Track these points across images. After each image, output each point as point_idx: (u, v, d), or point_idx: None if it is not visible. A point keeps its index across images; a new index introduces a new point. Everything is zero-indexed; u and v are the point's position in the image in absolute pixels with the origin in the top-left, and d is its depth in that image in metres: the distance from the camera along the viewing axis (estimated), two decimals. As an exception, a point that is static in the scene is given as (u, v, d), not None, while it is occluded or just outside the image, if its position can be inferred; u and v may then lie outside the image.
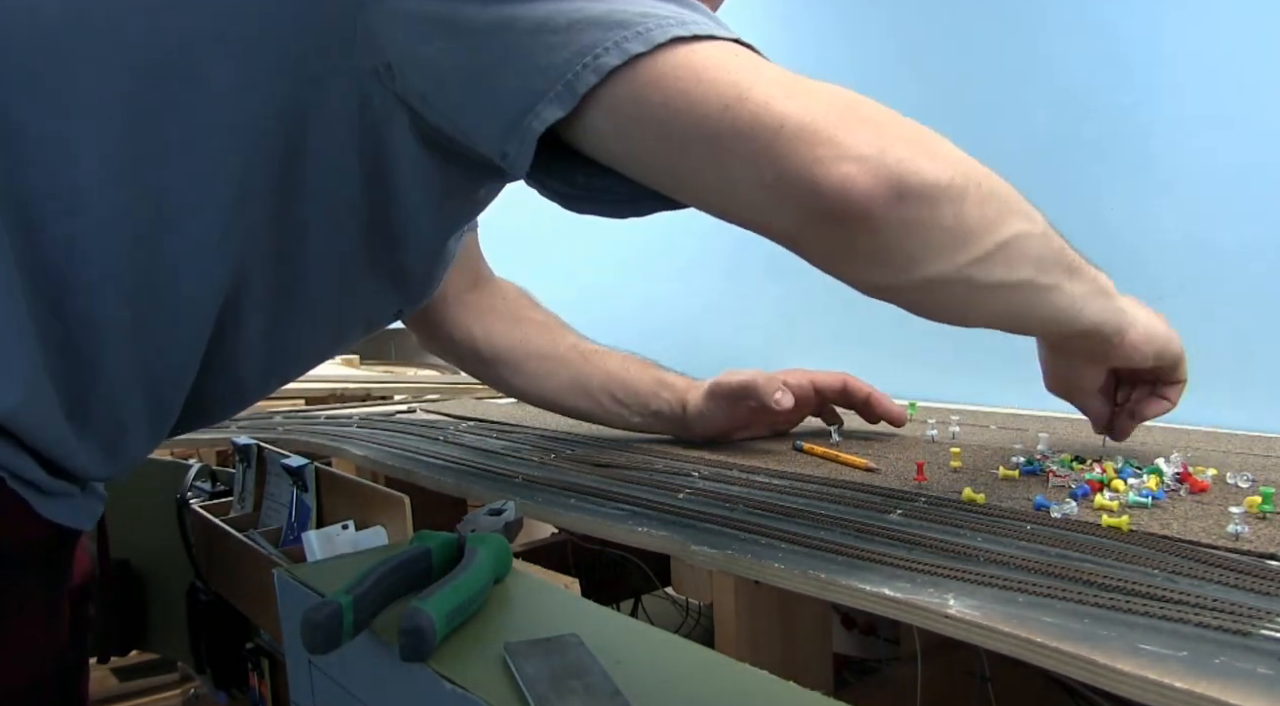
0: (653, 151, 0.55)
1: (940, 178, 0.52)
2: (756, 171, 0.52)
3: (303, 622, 0.47)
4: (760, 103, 0.51)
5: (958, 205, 0.53)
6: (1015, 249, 0.57)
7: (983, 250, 0.55)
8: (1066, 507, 0.60)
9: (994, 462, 0.77)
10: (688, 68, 0.53)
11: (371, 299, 0.73)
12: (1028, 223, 0.58)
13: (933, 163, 0.52)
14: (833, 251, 0.55)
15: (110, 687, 1.34)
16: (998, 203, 0.56)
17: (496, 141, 0.57)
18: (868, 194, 0.50)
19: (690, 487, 0.75)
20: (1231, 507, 0.56)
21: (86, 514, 0.61)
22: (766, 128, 0.51)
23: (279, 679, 0.87)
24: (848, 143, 0.50)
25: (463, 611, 0.49)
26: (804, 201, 0.51)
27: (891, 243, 0.53)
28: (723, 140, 0.52)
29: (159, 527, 0.99)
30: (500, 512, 0.62)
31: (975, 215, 0.54)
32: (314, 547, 0.75)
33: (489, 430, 1.11)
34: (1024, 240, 0.57)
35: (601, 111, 0.54)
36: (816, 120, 0.51)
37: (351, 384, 1.70)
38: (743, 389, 0.90)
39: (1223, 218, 0.99)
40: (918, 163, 0.52)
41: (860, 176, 0.50)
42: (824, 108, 0.52)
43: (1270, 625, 0.42)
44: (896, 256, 0.54)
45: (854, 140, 0.51)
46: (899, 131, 0.53)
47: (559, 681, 0.42)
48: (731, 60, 0.53)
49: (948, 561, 0.53)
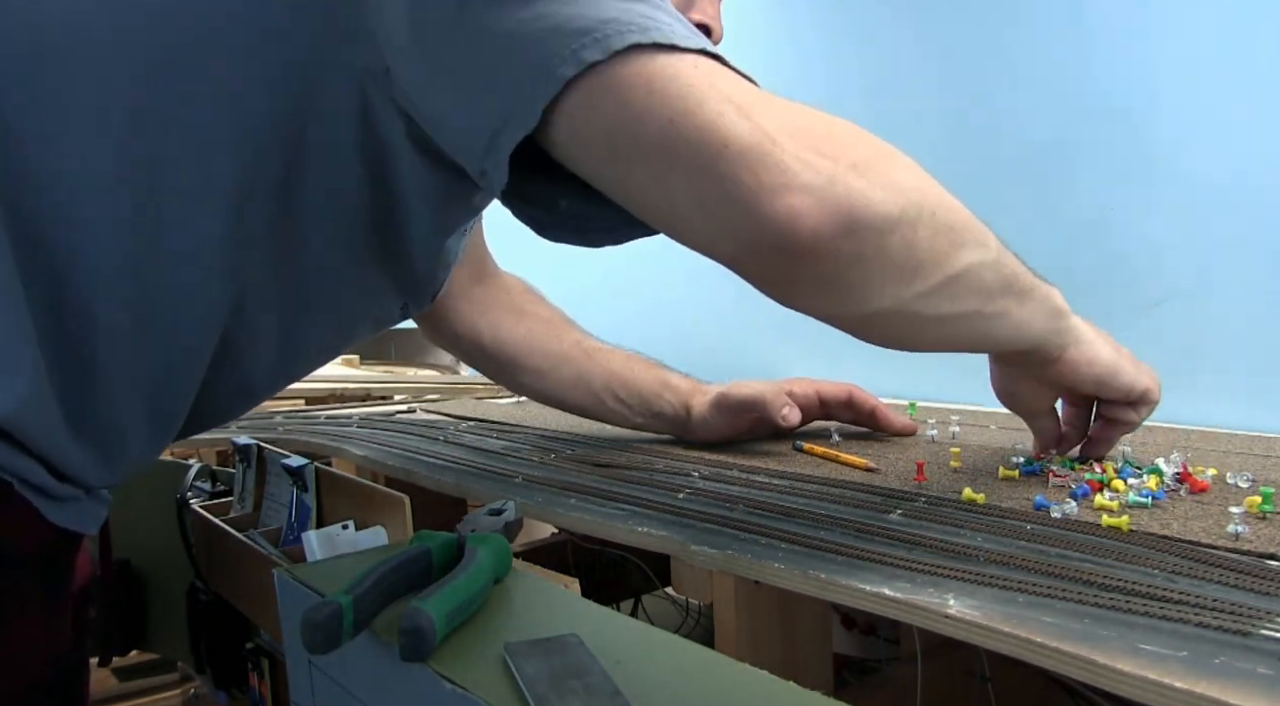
0: (604, 163, 0.53)
1: (891, 210, 0.50)
2: (698, 192, 0.49)
3: (303, 622, 0.47)
4: (707, 119, 0.48)
5: (909, 237, 0.51)
6: (964, 282, 0.55)
7: (932, 284, 0.54)
8: (1066, 507, 0.60)
9: (994, 462, 0.77)
10: (641, 77, 0.50)
11: (377, 298, 0.73)
12: (980, 252, 0.56)
13: (885, 193, 0.50)
14: (775, 280, 0.53)
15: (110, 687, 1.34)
16: (950, 234, 0.54)
17: (477, 160, 0.55)
18: (814, 227, 0.48)
19: (690, 487, 0.75)
20: (1231, 507, 0.56)
21: (91, 518, 0.61)
22: (710, 146, 0.48)
23: (279, 679, 0.87)
24: (795, 170, 0.48)
25: (463, 611, 0.49)
26: (746, 229, 0.49)
27: (837, 275, 0.51)
28: (666, 155, 0.49)
29: (159, 527, 0.99)
30: (500, 512, 0.62)
31: (926, 248, 0.52)
32: (314, 547, 0.75)
33: (489, 430, 1.11)
34: (974, 272, 0.55)
35: (561, 121, 0.51)
36: (764, 142, 0.48)
37: (351, 384, 1.69)
38: (750, 403, 0.90)
39: (1222, 218, 0.99)
40: (869, 195, 0.49)
41: (807, 209, 0.48)
42: (776, 129, 0.49)
43: (1270, 625, 0.42)
44: (841, 288, 0.52)
45: (802, 167, 0.48)
46: (854, 156, 0.50)
47: (559, 681, 0.42)
48: (688, 71, 0.50)
49: (948, 561, 0.53)
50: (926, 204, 0.52)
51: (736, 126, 0.48)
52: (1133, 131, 1.06)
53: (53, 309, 0.56)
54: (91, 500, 0.61)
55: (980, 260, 0.56)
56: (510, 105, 0.52)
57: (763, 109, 0.50)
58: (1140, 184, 1.06)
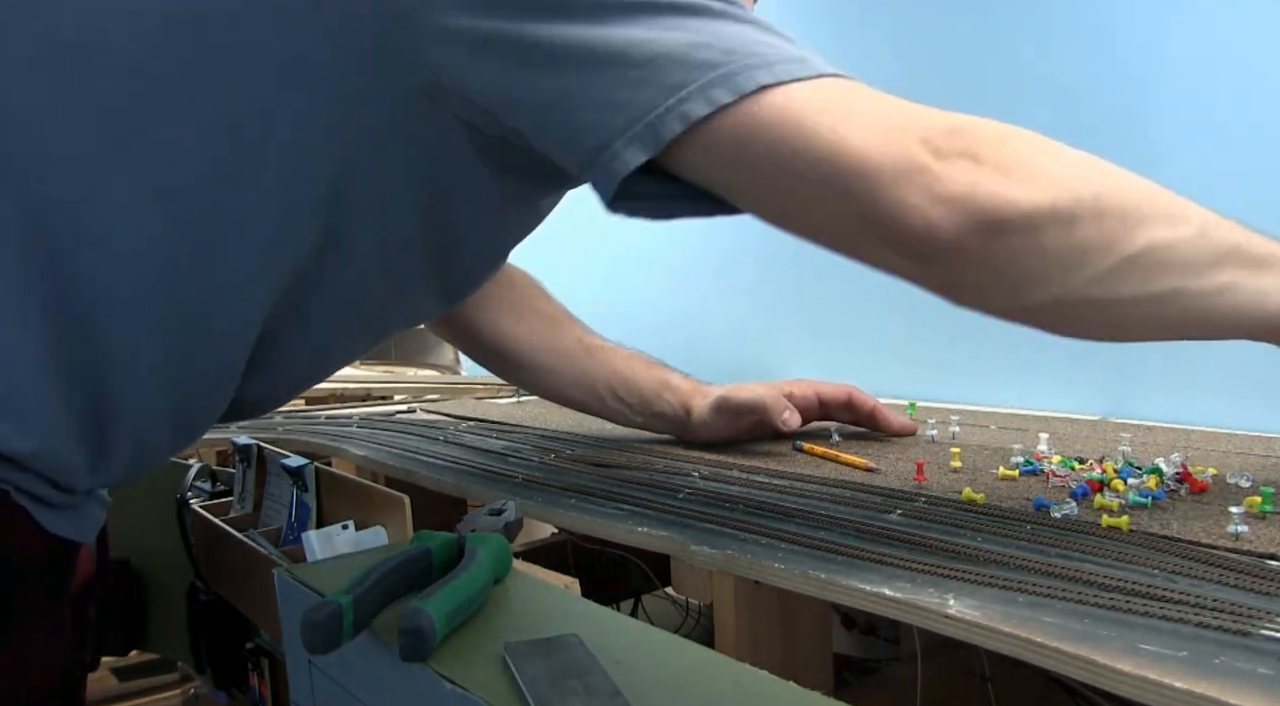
0: (754, 193, 0.56)
1: (1039, 205, 0.51)
2: (856, 215, 0.52)
3: (303, 622, 0.47)
4: (857, 151, 0.51)
5: (1064, 227, 0.52)
6: (1149, 260, 0.54)
7: (1103, 267, 0.53)
8: (1066, 507, 0.60)
9: (994, 462, 0.77)
10: (783, 118, 0.52)
11: (414, 309, 0.73)
12: (1169, 228, 0.54)
13: (1029, 189, 0.51)
14: (941, 284, 0.55)
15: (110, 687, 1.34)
16: (1121, 215, 0.53)
17: (577, 170, 0.57)
18: (954, 233, 0.50)
19: (690, 487, 0.75)
20: (1231, 507, 0.56)
21: (90, 524, 0.61)
22: (863, 175, 0.51)
23: (279, 679, 0.87)
24: (936, 184, 0.50)
25: (463, 611, 0.49)
26: (898, 242, 0.52)
27: (996, 273, 0.53)
28: (824, 186, 0.52)
29: (159, 527, 0.99)
30: (500, 512, 0.62)
31: (1088, 233, 0.52)
32: (314, 547, 0.75)
33: (489, 430, 1.11)
34: (1160, 248, 0.54)
35: (692, 152, 0.54)
36: (910, 165, 0.51)
37: (351, 384, 1.69)
38: (750, 406, 0.90)
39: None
40: (1011, 193, 0.51)
41: (948, 218, 0.50)
42: (918, 146, 0.51)
43: (1270, 625, 0.42)
44: (1003, 285, 0.54)
45: (943, 180, 0.50)
46: (998, 157, 0.52)
47: (559, 681, 0.42)
48: (824, 103, 0.53)
49: (948, 561, 0.53)
50: (1085, 190, 0.53)
51: (884, 152, 0.51)
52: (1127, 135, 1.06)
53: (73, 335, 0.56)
54: (90, 505, 0.61)
55: (1169, 236, 0.54)
56: (621, 126, 0.53)
57: (900, 126, 0.52)
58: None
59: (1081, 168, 0.54)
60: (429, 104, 0.58)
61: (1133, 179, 0.55)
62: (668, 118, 0.52)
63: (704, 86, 0.52)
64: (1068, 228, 0.52)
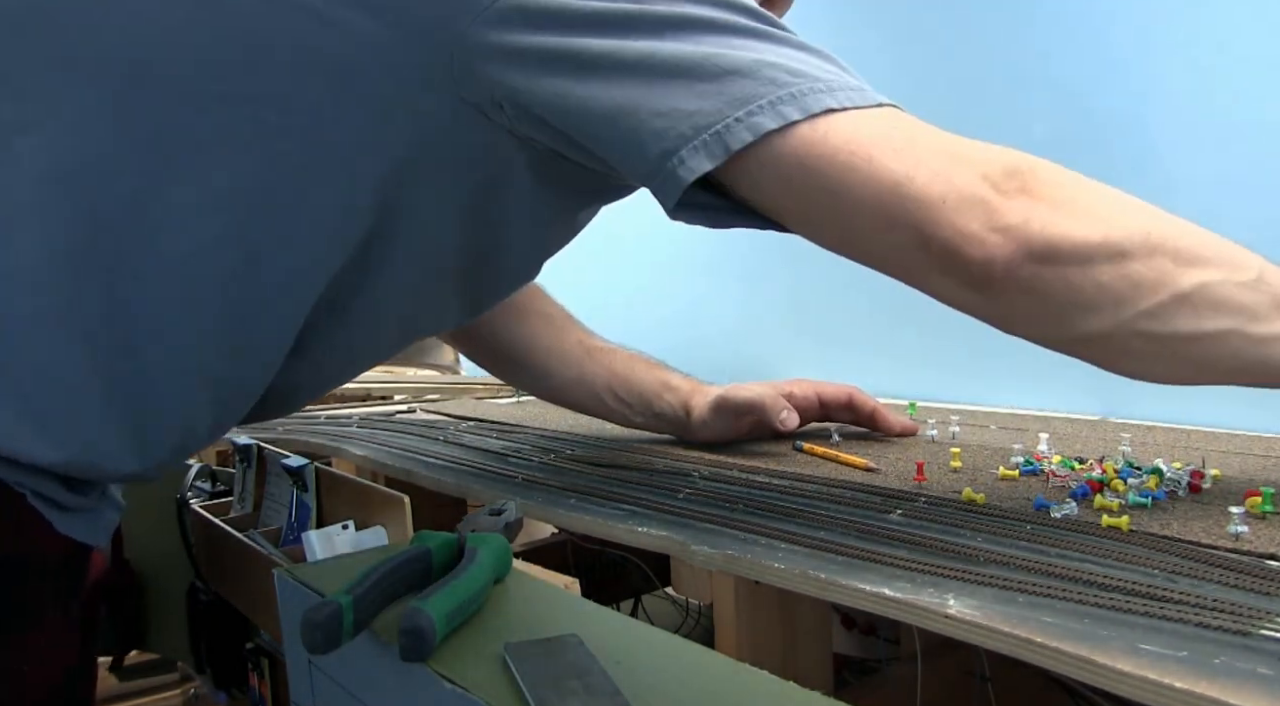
0: (814, 215, 0.57)
1: (1091, 238, 0.53)
2: (917, 242, 0.54)
3: (303, 622, 0.46)
4: (923, 182, 0.53)
5: (1116, 262, 0.53)
6: (1200, 298, 0.54)
7: (1153, 303, 0.54)
8: (1066, 507, 0.60)
9: (994, 462, 0.77)
10: (854, 140, 0.54)
11: (440, 317, 0.74)
12: (1222, 271, 0.55)
13: (1081, 223, 0.53)
14: (994, 313, 0.57)
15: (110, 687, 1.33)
16: (1174, 254, 0.54)
17: (640, 177, 0.58)
18: (1009, 261, 0.53)
19: (690, 488, 0.75)
20: (1231, 507, 0.56)
21: (104, 528, 0.62)
22: (926, 205, 0.53)
23: (279, 679, 0.87)
24: (996, 215, 0.53)
25: (463, 611, 0.49)
26: (956, 270, 0.54)
27: (1046, 301, 0.54)
28: (886, 214, 0.54)
29: (159, 527, 0.99)
30: (500, 512, 0.62)
31: (1139, 269, 0.53)
32: (314, 547, 0.75)
33: (489, 430, 1.11)
34: (1212, 289, 0.54)
35: (755, 167, 0.55)
36: (969, 195, 0.53)
37: (351, 384, 1.69)
38: (749, 406, 0.90)
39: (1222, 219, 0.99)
40: (1064, 226, 0.53)
41: (1002, 247, 0.53)
42: (978, 181, 0.53)
43: (1270, 625, 0.42)
44: (1054, 314, 0.55)
45: (1002, 212, 0.53)
46: (1054, 195, 0.54)
47: (559, 681, 0.42)
48: (889, 132, 0.55)
49: (948, 561, 0.53)
50: (1137, 228, 0.54)
51: (950, 185, 0.53)
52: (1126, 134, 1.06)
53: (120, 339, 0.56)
54: (103, 508, 0.61)
55: (1222, 278, 0.55)
56: (688, 134, 0.54)
57: (962, 159, 0.54)
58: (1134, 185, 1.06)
59: (1135, 210, 0.56)
60: (484, 119, 0.59)
61: (1188, 225, 0.57)
62: (737, 128, 0.54)
63: (774, 102, 0.54)
64: (1120, 261, 0.53)
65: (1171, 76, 1.02)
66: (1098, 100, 1.08)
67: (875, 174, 0.54)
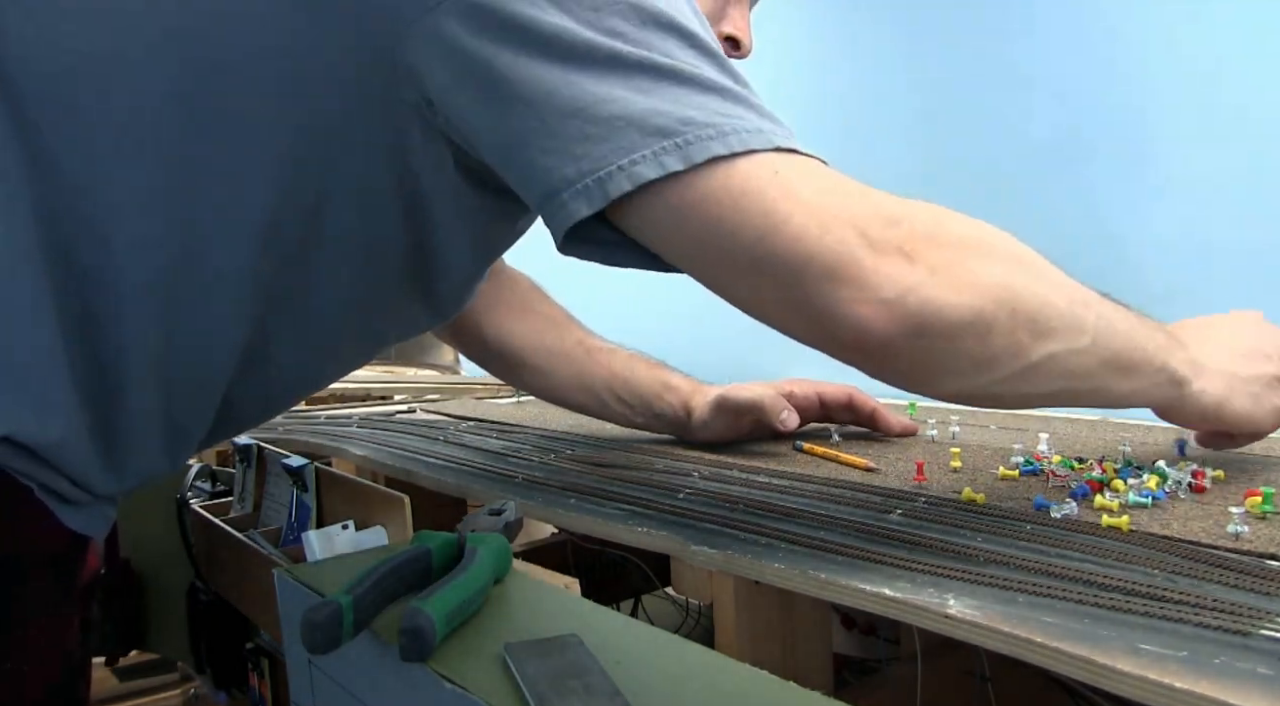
0: (692, 262, 0.57)
1: (964, 315, 0.53)
2: (786, 298, 0.54)
3: (303, 622, 0.47)
4: (791, 238, 0.52)
5: (982, 336, 0.54)
6: (1046, 369, 0.57)
7: (1006, 373, 0.56)
8: (1066, 508, 0.60)
9: (994, 462, 0.77)
10: (725, 192, 0.53)
11: (403, 318, 0.74)
12: (1069, 339, 0.57)
13: (959, 297, 0.53)
14: (861, 367, 0.57)
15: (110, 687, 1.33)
16: (1032, 326, 0.56)
17: (532, 207, 0.58)
18: (884, 334, 0.53)
19: (690, 487, 0.75)
20: (1231, 507, 0.56)
21: (102, 522, 0.62)
22: (795, 263, 0.53)
23: (279, 679, 0.87)
24: (872, 284, 0.52)
25: (463, 611, 0.49)
26: (827, 332, 0.54)
27: (911, 368, 0.56)
28: (755, 266, 0.54)
29: (159, 527, 0.99)
30: (500, 512, 0.62)
31: (1002, 343, 0.55)
32: (314, 547, 0.75)
33: (489, 430, 1.11)
34: (1058, 360, 0.57)
35: (634, 215, 0.55)
36: (842, 258, 0.52)
37: (351, 384, 1.69)
38: (749, 406, 0.90)
39: (1221, 219, 0.99)
40: (942, 301, 0.53)
41: (878, 320, 0.52)
42: (855, 239, 0.52)
43: (1270, 625, 0.42)
44: (918, 377, 0.57)
45: (878, 280, 0.52)
46: (935, 258, 0.53)
47: (559, 681, 0.42)
48: (770, 183, 0.53)
49: (948, 561, 0.53)
50: (1006, 299, 0.55)
51: (820, 244, 0.52)
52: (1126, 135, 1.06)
53: (83, 326, 0.57)
54: (101, 504, 0.62)
55: (1068, 348, 0.57)
56: (572, 177, 0.54)
57: (841, 219, 0.53)
58: (1135, 184, 1.06)
59: (1007, 271, 0.56)
60: (418, 117, 0.59)
61: (1045, 282, 0.58)
62: (618, 176, 0.53)
63: (657, 152, 0.53)
64: (984, 337, 0.55)
65: (1171, 77, 1.02)
66: (1098, 100, 1.08)
67: (745, 226, 0.53)
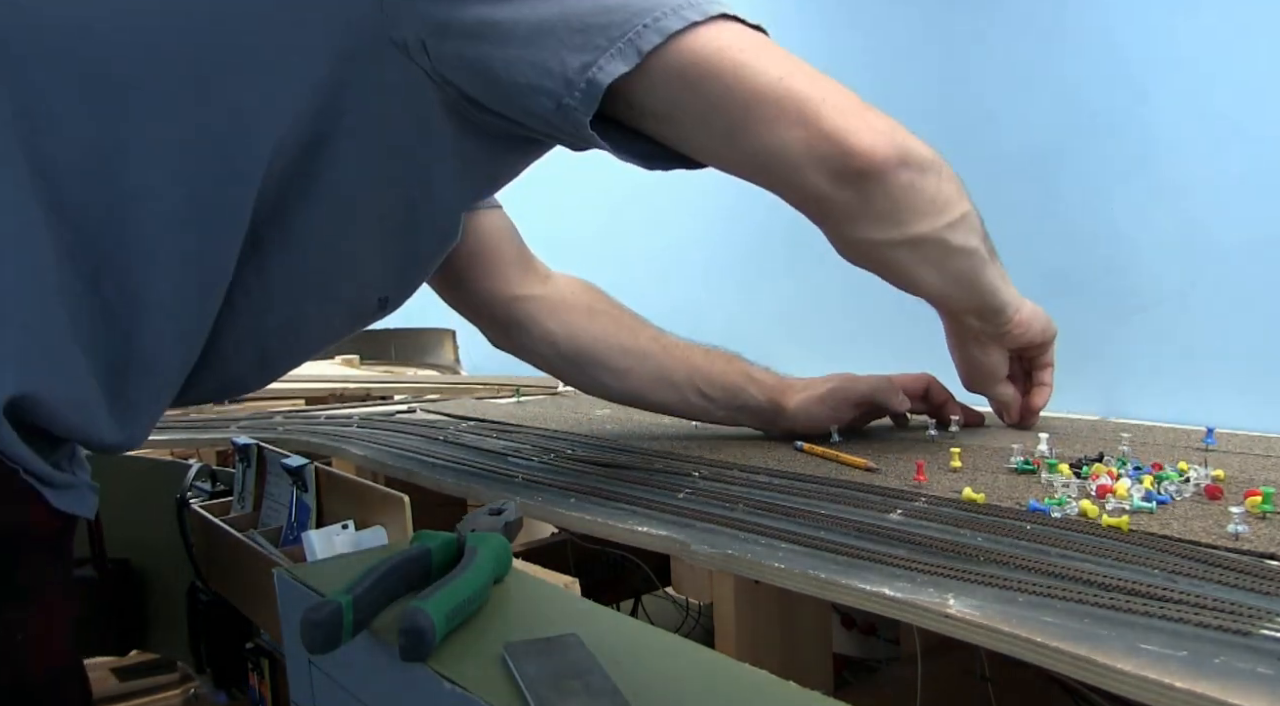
0: (708, 117, 0.64)
1: (927, 155, 0.68)
2: (804, 134, 0.63)
3: (303, 622, 0.46)
4: (807, 78, 0.63)
5: (936, 177, 0.69)
6: (970, 221, 0.72)
7: (953, 216, 0.70)
8: (1066, 507, 0.60)
9: (994, 462, 0.77)
10: (747, 40, 0.63)
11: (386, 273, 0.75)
12: (969, 204, 0.73)
13: (921, 145, 0.68)
14: (850, 207, 0.67)
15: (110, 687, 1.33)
16: (955, 182, 0.71)
17: (552, 95, 0.62)
18: (884, 157, 0.64)
19: (690, 487, 0.75)
20: (1231, 507, 0.56)
21: (90, 503, 0.63)
22: (813, 98, 0.63)
23: (279, 679, 0.87)
24: (868, 118, 0.64)
25: (463, 611, 0.49)
26: (837, 160, 0.64)
27: (895, 202, 0.66)
28: (778, 107, 0.63)
29: (159, 527, 0.99)
30: (500, 512, 0.62)
31: (948, 188, 0.70)
32: (314, 547, 0.75)
33: (489, 430, 1.11)
34: (973, 216, 0.73)
35: (663, 70, 0.62)
36: (845, 99, 0.64)
37: (351, 384, 1.69)
38: (866, 395, 0.92)
39: (1222, 219, 0.99)
40: (914, 142, 0.67)
41: (881, 145, 0.64)
42: (845, 91, 0.65)
43: (1270, 625, 0.42)
44: (896, 214, 0.67)
45: (872, 117, 0.65)
46: (888, 119, 0.67)
47: (559, 681, 0.42)
48: (769, 44, 0.64)
49: (948, 561, 0.53)
50: (939, 159, 0.70)
51: (826, 85, 0.64)
52: (1127, 134, 1.06)
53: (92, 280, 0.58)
54: (84, 490, 0.62)
55: (973, 209, 0.73)
56: (603, 45, 0.61)
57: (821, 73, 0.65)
58: (1135, 185, 1.06)
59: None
60: (408, 60, 0.63)
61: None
62: (646, 33, 0.61)
63: (675, 8, 0.61)
64: (938, 178, 0.69)
65: (1171, 77, 1.02)
66: (1098, 101, 1.08)
67: (763, 70, 0.63)
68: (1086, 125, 1.10)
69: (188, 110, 0.60)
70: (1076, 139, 1.11)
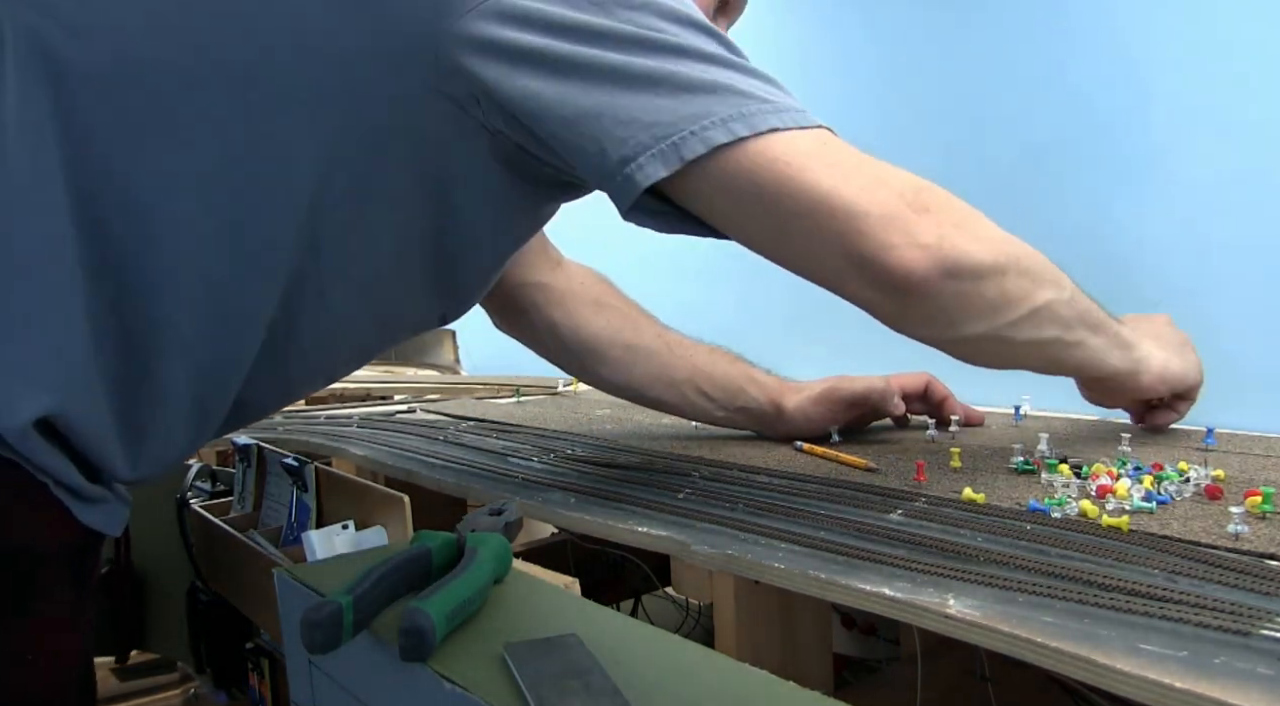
0: (752, 221, 0.64)
1: (985, 259, 0.64)
2: (843, 249, 0.62)
3: (303, 622, 0.46)
4: (852, 195, 0.61)
5: (999, 280, 0.65)
6: (1044, 314, 0.68)
7: (1016, 315, 0.67)
8: (1066, 507, 0.60)
9: (994, 462, 0.77)
10: (792, 154, 0.61)
11: (422, 305, 0.75)
12: (1055, 291, 0.69)
13: (979, 246, 0.63)
14: (896, 313, 0.65)
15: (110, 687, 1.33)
16: (1031, 276, 0.67)
17: (598, 180, 0.63)
18: (925, 274, 0.61)
19: (690, 487, 0.75)
20: (1231, 507, 0.56)
21: (119, 519, 0.62)
22: (856, 213, 0.61)
23: (279, 679, 0.87)
24: (914, 232, 0.61)
25: (463, 611, 0.49)
26: (876, 277, 0.62)
27: (943, 309, 0.64)
28: (818, 221, 0.61)
29: (159, 527, 0.99)
30: (500, 512, 0.62)
31: (1012, 288, 0.66)
32: (314, 547, 0.75)
33: (489, 430, 1.11)
34: (1052, 307, 0.68)
35: (704, 179, 0.61)
36: (891, 213, 0.61)
37: (351, 384, 1.69)
38: (862, 396, 0.93)
39: (1222, 220, 0.99)
40: (968, 248, 0.63)
41: (922, 261, 0.61)
42: (896, 199, 0.62)
43: (1270, 625, 0.42)
44: (946, 319, 0.65)
45: (919, 230, 0.61)
46: (954, 217, 0.63)
47: (559, 681, 0.42)
48: (823, 151, 0.62)
49: (948, 561, 0.53)
50: (1013, 252, 0.66)
51: (873, 199, 0.61)
52: (1130, 133, 1.06)
53: (112, 306, 0.59)
54: (117, 501, 0.62)
55: (1056, 298, 0.69)
56: (647, 143, 0.60)
57: (881, 180, 0.62)
58: (1138, 185, 1.06)
59: (1005, 235, 0.67)
60: (460, 111, 0.63)
61: (1031, 248, 0.68)
62: (691, 140, 0.60)
63: (724, 119, 0.60)
64: (1000, 280, 0.65)
65: (1174, 77, 1.02)
66: (1101, 101, 1.08)
67: (809, 184, 0.60)
68: (1090, 125, 1.10)
69: (231, 144, 0.60)
70: (1080, 138, 1.11)
